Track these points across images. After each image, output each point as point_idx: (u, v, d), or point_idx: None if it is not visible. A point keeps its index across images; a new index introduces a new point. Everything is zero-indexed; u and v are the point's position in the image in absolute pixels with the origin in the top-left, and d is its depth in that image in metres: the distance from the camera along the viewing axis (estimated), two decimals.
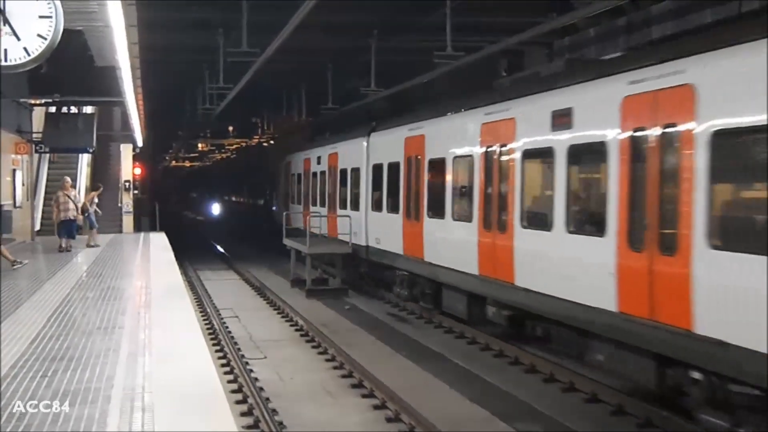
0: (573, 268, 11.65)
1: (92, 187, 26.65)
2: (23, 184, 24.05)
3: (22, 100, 23.37)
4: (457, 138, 16.14)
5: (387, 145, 20.73)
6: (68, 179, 21.81)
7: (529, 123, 13.09)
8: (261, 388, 12.42)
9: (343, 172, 24.51)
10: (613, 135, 10.77)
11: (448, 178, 16.55)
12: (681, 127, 9.50)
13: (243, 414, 11.08)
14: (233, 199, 61.01)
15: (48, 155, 28.42)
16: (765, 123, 8.19)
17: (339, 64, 26.93)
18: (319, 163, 27.46)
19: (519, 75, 16.62)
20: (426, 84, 23.19)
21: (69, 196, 20.79)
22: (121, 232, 28.67)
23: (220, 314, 19.46)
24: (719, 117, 8.99)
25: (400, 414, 11.12)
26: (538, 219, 12.76)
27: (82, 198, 23.57)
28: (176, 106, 39.03)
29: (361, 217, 22.48)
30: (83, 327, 10.34)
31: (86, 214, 22.23)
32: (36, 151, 25.23)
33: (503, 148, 13.95)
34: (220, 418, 6.49)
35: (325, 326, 17.57)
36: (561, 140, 12.02)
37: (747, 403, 8.97)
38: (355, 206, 23.11)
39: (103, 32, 12.83)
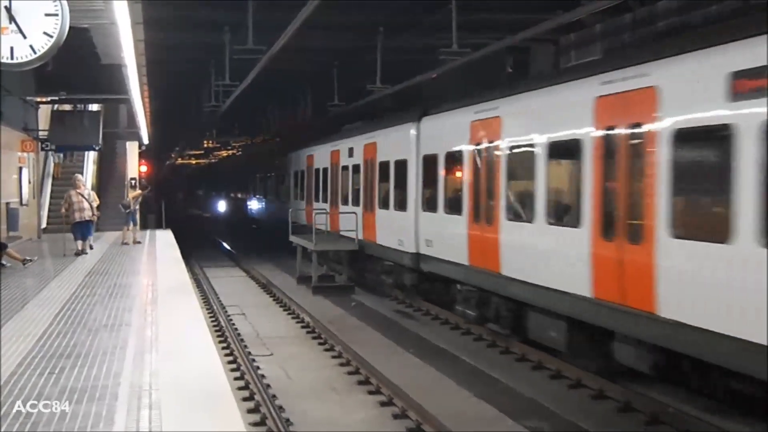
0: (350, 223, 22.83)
1: (140, 186, 26.81)
2: (29, 182, 24.09)
3: (28, 98, 23.44)
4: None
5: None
6: (80, 177, 20.97)
7: (384, 145, 21.23)
8: (267, 385, 12.42)
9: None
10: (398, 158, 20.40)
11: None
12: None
13: (250, 411, 11.08)
14: (237, 196, 62.05)
15: (51, 172, 28.39)
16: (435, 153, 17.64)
17: (345, 62, 26.93)
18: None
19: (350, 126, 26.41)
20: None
21: (82, 195, 19.59)
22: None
23: (226, 311, 19.47)
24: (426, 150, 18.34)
25: (406, 411, 11.12)
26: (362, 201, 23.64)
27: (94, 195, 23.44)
28: (182, 103, 39.08)
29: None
30: (90, 324, 10.37)
31: (128, 211, 22.41)
32: (42, 149, 25.28)
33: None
34: (227, 415, 6.50)
35: (331, 323, 17.56)
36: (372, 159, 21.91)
37: (390, 269, 20.72)
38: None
39: (109, 30, 12.84)
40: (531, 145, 13.10)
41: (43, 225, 25.95)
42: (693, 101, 9.48)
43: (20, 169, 23.06)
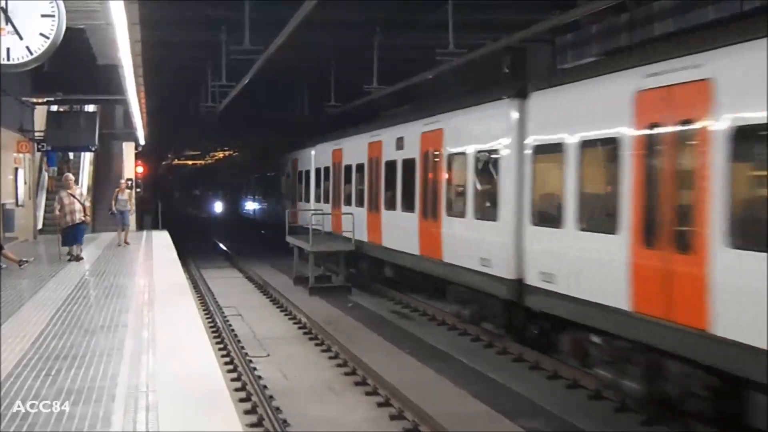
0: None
1: (128, 185, 26.64)
2: (25, 183, 24.05)
3: (24, 98, 23.39)
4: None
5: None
6: (71, 176, 19.97)
7: (301, 160, 32.25)
8: (264, 386, 12.43)
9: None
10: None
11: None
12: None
13: (247, 412, 11.07)
14: (229, 197, 62.75)
15: (45, 185, 28.18)
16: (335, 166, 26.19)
17: (342, 62, 26.93)
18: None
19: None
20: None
21: (74, 196, 18.34)
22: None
23: (223, 312, 19.46)
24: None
25: (403, 411, 11.12)
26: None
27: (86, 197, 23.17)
28: (179, 104, 39.01)
29: None
30: (86, 325, 10.35)
31: (110, 212, 22.28)
32: (38, 150, 25.22)
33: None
34: (224, 417, 6.49)
35: (328, 324, 17.56)
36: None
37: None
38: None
39: (106, 30, 12.82)
40: (350, 166, 24.19)
41: (39, 226, 25.89)
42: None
43: (16, 170, 23.01)
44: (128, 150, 32.28)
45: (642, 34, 17.15)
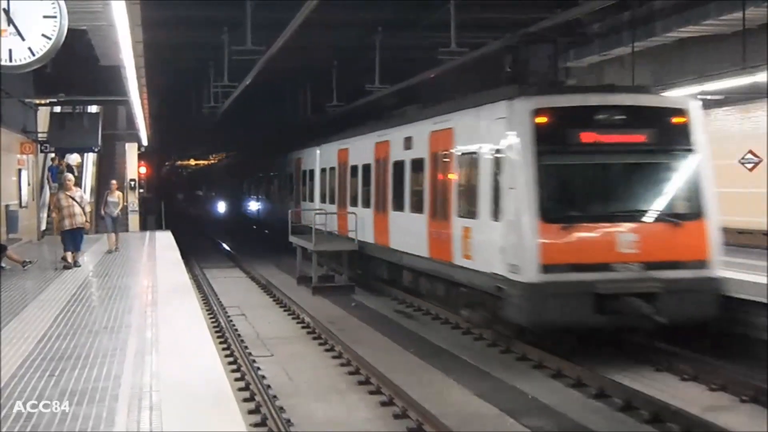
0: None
1: (118, 186, 26.66)
2: (29, 184, 24.10)
3: (27, 99, 23.43)
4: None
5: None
6: (70, 176, 19.03)
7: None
8: (268, 386, 12.40)
9: None
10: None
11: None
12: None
13: (250, 412, 11.06)
14: (231, 197, 62.94)
15: (47, 202, 28.02)
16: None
17: (344, 61, 26.97)
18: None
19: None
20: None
21: (74, 198, 17.34)
22: (126, 231, 28.69)
23: (226, 312, 19.44)
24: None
25: (407, 410, 11.10)
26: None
27: (88, 198, 23.01)
28: (182, 104, 39.13)
29: None
30: (90, 326, 10.38)
31: (101, 216, 22.11)
32: (41, 151, 25.28)
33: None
34: (228, 416, 6.50)
35: (332, 323, 17.55)
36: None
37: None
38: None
39: (108, 31, 12.84)
40: (274, 174, 38.73)
41: (43, 227, 25.94)
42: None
43: (19, 171, 23.07)
44: (131, 151, 32.35)
45: (643, 33, 17.15)
